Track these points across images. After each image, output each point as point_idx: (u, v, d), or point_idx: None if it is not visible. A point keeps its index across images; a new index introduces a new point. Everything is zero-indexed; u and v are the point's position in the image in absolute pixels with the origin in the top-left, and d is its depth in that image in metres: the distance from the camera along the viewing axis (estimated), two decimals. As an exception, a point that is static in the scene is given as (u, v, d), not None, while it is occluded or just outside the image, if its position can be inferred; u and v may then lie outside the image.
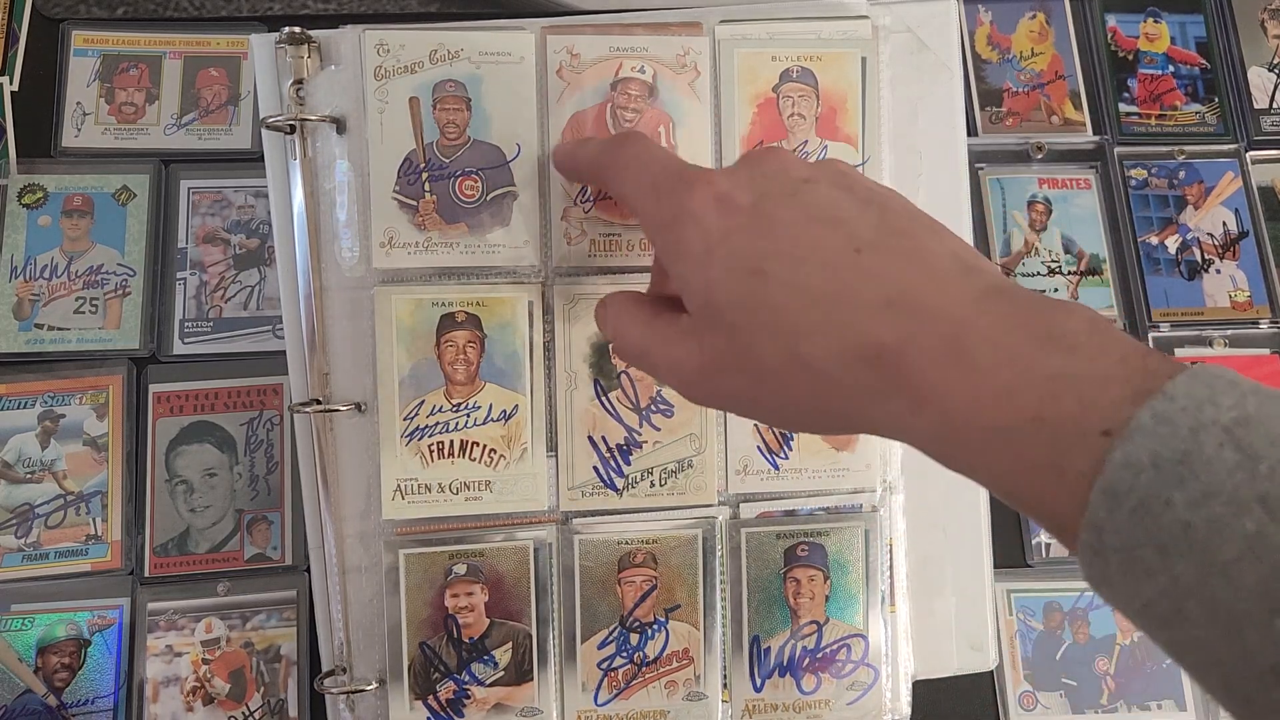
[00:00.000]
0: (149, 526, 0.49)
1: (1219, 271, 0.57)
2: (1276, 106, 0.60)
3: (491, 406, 0.42)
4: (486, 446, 0.42)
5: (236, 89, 0.56)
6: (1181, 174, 0.59)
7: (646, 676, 0.44)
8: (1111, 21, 0.61)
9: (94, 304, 0.52)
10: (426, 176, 0.42)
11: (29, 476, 0.50)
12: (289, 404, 0.46)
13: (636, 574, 0.44)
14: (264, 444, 0.51)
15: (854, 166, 0.32)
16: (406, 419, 0.42)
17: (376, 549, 0.42)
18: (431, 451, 0.42)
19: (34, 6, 0.55)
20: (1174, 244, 0.57)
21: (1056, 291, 0.56)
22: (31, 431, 0.50)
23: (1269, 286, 0.57)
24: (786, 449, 0.44)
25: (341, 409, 0.42)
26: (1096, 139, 0.59)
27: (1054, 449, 0.23)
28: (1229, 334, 0.56)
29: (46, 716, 0.47)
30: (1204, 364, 0.22)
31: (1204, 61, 0.61)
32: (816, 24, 0.45)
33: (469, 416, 0.42)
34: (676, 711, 0.44)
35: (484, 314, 0.43)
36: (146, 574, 0.49)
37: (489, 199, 0.42)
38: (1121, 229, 0.58)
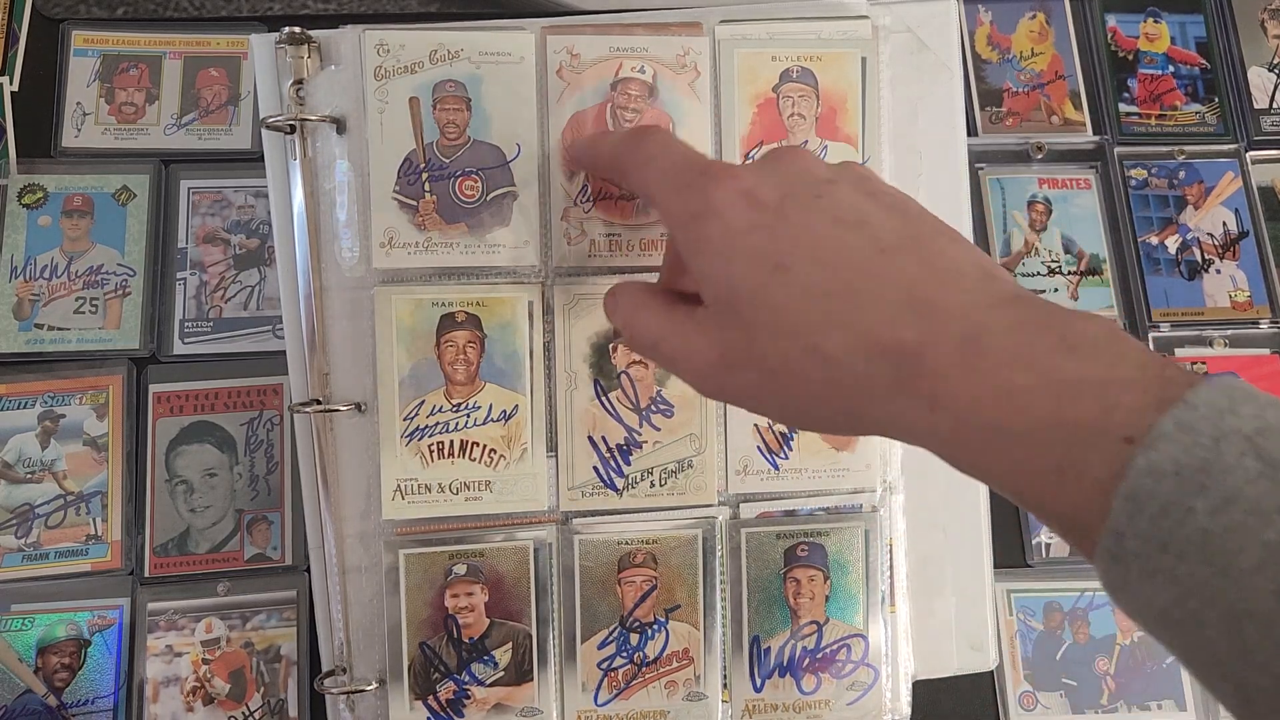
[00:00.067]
0: (149, 526, 0.49)
1: (1219, 271, 0.57)
2: (1276, 106, 0.60)
3: (491, 406, 0.42)
4: (486, 446, 0.42)
5: (236, 89, 0.56)
6: (1181, 174, 0.59)
7: (646, 676, 0.44)
8: (1111, 21, 0.61)
9: (94, 304, 0.52)
10: (426, 176, 0.42)
11: (29, 476, 0.50)
12: (289, 404, 0.46)
13: (636, 574, 0.44)
14: (264, 444, 0.51)
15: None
16: (406, 419, 0.42)
17: (376, 549, 0.42)
18: (431, 451, 0.42)
19: (34, 6, 0.55)
20: (1174, 244, 0.57)
21: (1056, 292, 0.56)
22: (31, 431, 0.50)
23: (1269, 286, 0.57)
24: (786, 449, 0.44)
25: (341, 409, 0.42)
26: (1096, 139, 0.59)
27: (1072, 452, 0.23)
28: (1229, 334, 0.56)
29: (46, 716, 0.47)
30: (1219, 375, 0.22)
31: (1204, 61, 0.61)
32: (816, 24, 0.45)
33: (469, 416, 0.42)
34: (676, 711, 0.44)
35: (484, 314, 0.43)
36: (146, 574, 0.49)
37: (489, 199, 0.42)
38: (1121, 229, 0.58)
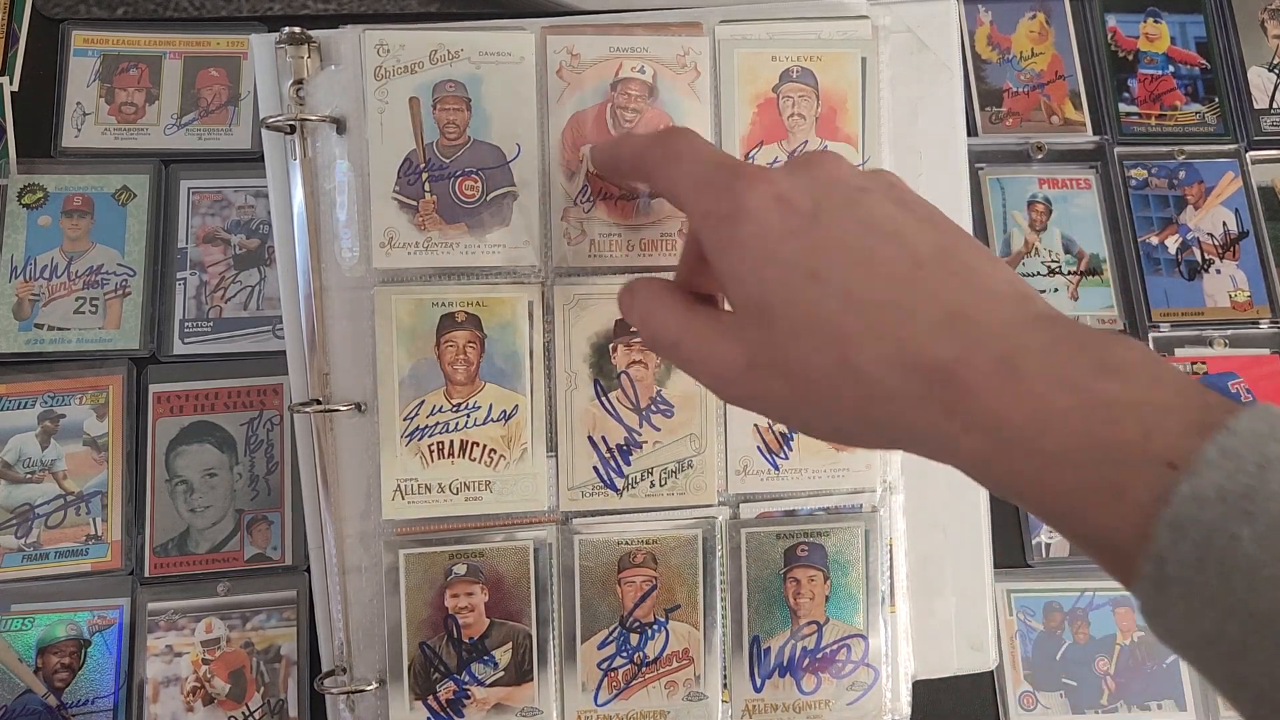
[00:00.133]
0: (149, 526, 0.49)
1: (1219, 271, 0.57)
2: (1276, 106, 0.60)
3: (491, 406, 0.42)
4: (486, 446, 0.42)
5: (236, 89, 0.56)
6: (1181, 174, 0.59)
7: (646, 677, 0.44)
8: (1111, 21, 0.61)
9: (94, 304, 0.52)
10: (426, 176, 0.42)
11: (29, 476, 0.50)
12: (289, 404, 0.46)
13: (636, 574, 0.44)
14: (264, 444, 0.51)
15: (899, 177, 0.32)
16: (406, 419, 0.42)
17: (376, 549, 0.42)
18: (431, 451, 0.42)
19: (34, 6, 0.55)
20: (1174, 244, 0.57)
21: (1056, 292, 0.56)
22: (31, 431, 0.50)
23: (1269, 286, 0.57)
24: (786, 449, 0.44)
25: (341, 409, 0.42)
26: (1096, 139, 0.59)
27: (1111, 475, 0.23)
28: (1229, 334, 0.56)
29: (46, 716, 0.47)
30: (1259, 403, 0.22)
31: (1204, 61, 0.61)
32: (816, 24, 0.45)
33: (469, 416, 0.42)
34: (676, 711, 0.44)
35: (484, 314, 0.42)
36: (146, 574, 0.49)
37: (489, 199, 0.42)
38: (1121, 229, 0.58)
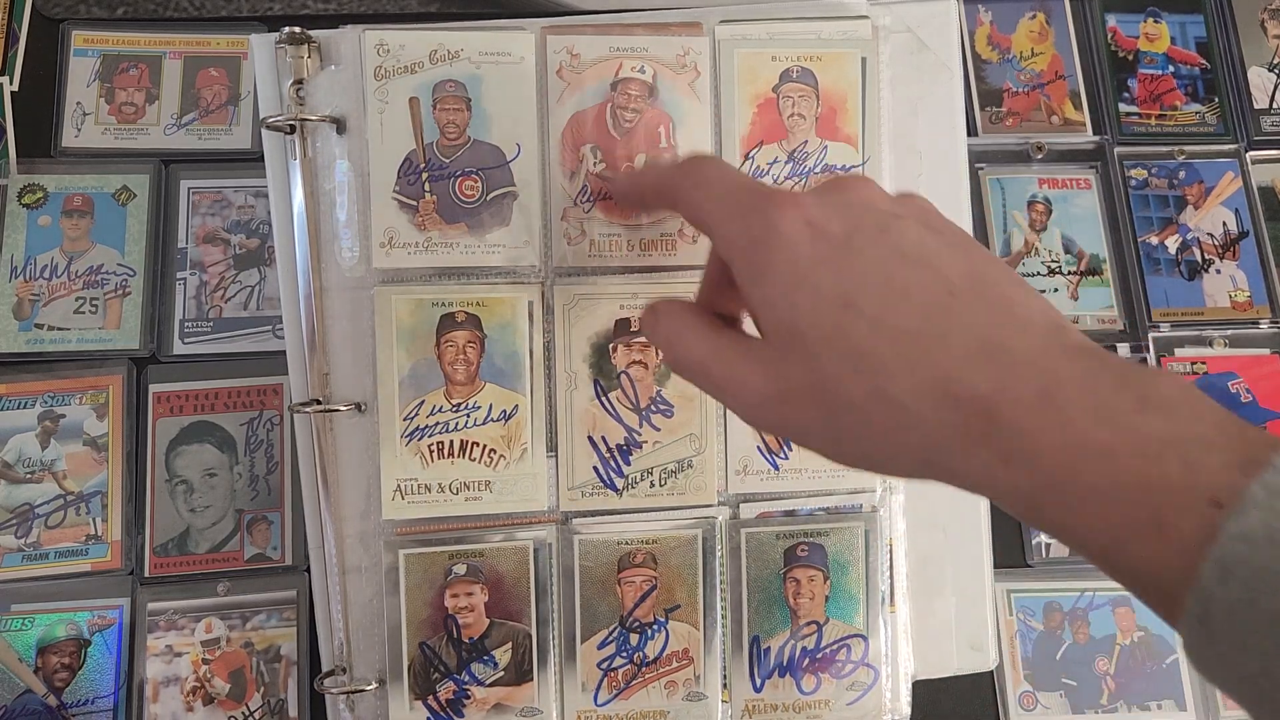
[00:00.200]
0: (149, 526, 0.49)
1: (1219, 271, 0.57)
2: (1276, 106, 0.60)
3: (491, 406, 0.42)
4: (486, 446, 0.42)
5: (236, 89, 0.56)
6: (1181, 174, 0.59)
7: (646, 676, 0.44)
8: (1111, 21, 0.61)
9: (94, 304, 0.52)
10: (426, 176, 0.42)
11: (29, 476, 0.50)
12: (289, 404, 0.46)
13: (636, 574, 0.44)
14: (264, 444, 0.51)
15: (924, 197, 0.31)
16: (406, 419, 0.42)
17: (376, 549, 0.42)
18: (431, 451, 0.42)
19: (34, 6, 0.55)
20: (1174, 244, 0.57)
21: (1056, 292, 0.56)
22: (31, 431, 0.50)
23: (1269, 286, 0.57)
24: (786, 449, 0.44)
25: (341, 409, 0.42)
26: (1096, 139, 0.59)
27: (1155, 512, 0.22)
28: (1229, 334, 0.56)
29: (46, 716, 0.47)
30: None
31: (1204, 61, 0.61)
32: (816, 24, 0.45)
33: (469, 416, 0.42)
34: (676, 711, 0.44)
35: (484, 314, 0.43)
36: (146, 574, 0.49)
37: (489, 199, 0.42)
38: (1121, 229, 0.58)
